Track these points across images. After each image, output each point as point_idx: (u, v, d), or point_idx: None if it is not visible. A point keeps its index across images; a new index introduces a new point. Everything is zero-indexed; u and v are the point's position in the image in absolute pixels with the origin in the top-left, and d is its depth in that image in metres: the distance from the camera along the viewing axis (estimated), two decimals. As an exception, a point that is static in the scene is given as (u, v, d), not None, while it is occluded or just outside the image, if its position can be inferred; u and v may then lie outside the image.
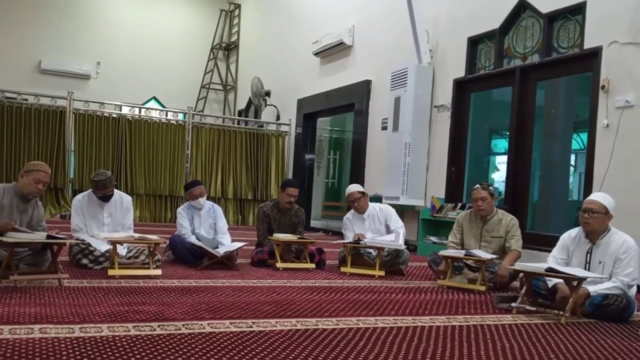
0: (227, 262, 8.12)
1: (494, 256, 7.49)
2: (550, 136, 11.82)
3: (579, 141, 14.18)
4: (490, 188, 7.88)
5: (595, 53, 9.06)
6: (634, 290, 6.15)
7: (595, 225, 6.17)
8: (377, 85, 14.14)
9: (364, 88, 14.53)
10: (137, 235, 7.42)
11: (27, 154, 14.76)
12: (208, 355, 3.79)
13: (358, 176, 14.43)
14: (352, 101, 15.10)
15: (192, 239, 8.43)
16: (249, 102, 20.69)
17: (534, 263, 6.66)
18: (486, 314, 5.91)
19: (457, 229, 8.19)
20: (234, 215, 17.39)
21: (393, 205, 9.81)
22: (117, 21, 21.74)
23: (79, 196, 8.01)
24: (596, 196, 6.38)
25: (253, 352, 3.92)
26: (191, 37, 22.77)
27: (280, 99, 18.63)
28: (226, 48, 23.25)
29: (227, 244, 8.59)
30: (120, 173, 15.85)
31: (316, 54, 16.53)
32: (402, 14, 12.20)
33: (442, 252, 7.81)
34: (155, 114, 17.83)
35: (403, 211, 11.90)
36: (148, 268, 7.08)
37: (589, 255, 6.27)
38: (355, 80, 14.91)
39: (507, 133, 11.15)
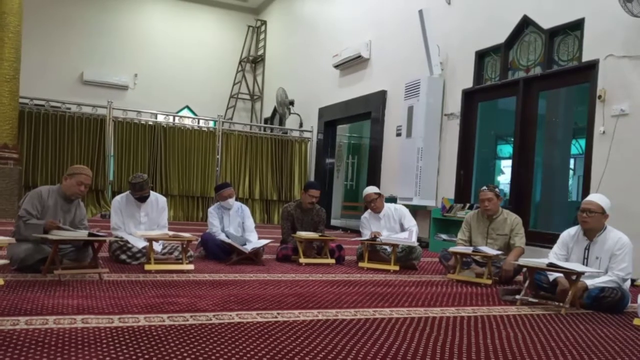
0: (254, 258, 8.12)
1: (499, 252, 7.48)
2: (551, 142, 11.76)
3: (577, 147, 14.11)
4: (496, 190, 7.87)
5: (593, 66, 9.03)
6: (628, 283, 6.14)
7: (593, 224, 6.17)
8: (392, 95, 14.12)
9: (380, 98, 14.52)
10: (171, 233, 7.45)
11: (70, 159, 14.85)
12: (236, 343, 3.80)
13: (374, 179, 14.41)
14: (369, 110, 15.08)
15: (222, 237, 8.43)
16: (274, 111, 20.70)
17: (536, 259, 6.64)
18: (492, 305, 5.89)
19: (466, 227, 8.18)
20: (261, 215, 17.40)
21: (406, 206, 9.80)
22: (153, 36, 21.84)
23: (117, 197, 8.06)
24: (593, 197, 6.38)
25: (278, 341, 3.93)
26: (221, 51, 22.82)
27: (303, 107, 18.61)
28: (253, 61, 23.22)
29: (254, 241, 8.60)
30: (155, 176, 15.92)
31: (336, 67, 16.53)
32: (415, 29, 12.22)
33: (452, 249, 7.80)
34: (188, 122, 17.88)
35: (416, 211, 11.87)
36: (181, 263, 7.09)
37: (586, 251, 6.27)
38: (371, 90, 14.90)
39: (512, 139, 11.12)
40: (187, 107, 22.04)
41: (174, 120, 17.45)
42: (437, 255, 9.19)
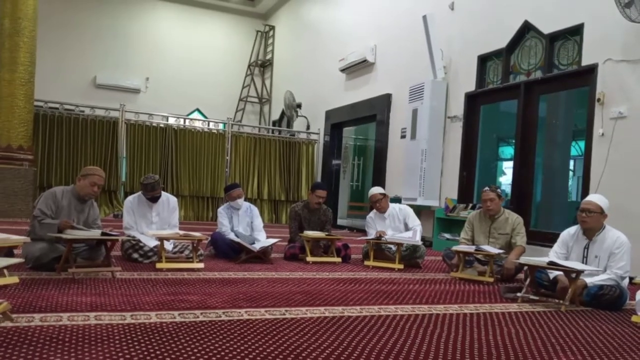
0: (262, 257, 8.13)
1: (501, 251, 7.49)
2: (551, 144, 11.75)
3: (577, 148, 14.06)
4: (498, 190, 7.89)
5: (592, 69, 9.03)
6: (626, 281, 6.13)
7: (592, 223, 6.17)
8: (396, 98, 14.13)
9: (385, 101, 14.52)
10: (182, 232, 7.45)
11: (83, 160, 14.91)
12: (245, 339, 3.81)
13: (380, 179, 14.42)
14: (374, 112, 15.09)
15: (232, 236, 8.44)
16: (282, 114, 20.74)
17: (537, 257, 6.66)
18: (494, 302, 5.89)
19: (468, 226, 8.19)
20: (269, 215, 17.41)
21: (411, 206, 9.81)
22: (164, 41, 21.89)
23: (130, 197, 8.08)
24: (592, 197, 6.39)
25: (286, 337, 3.94)
26: (230, 56, 22.86)
27: (310, 110, 18.64)
28: (262, 65, 23.26)
29: (262, 240, 8.61)
30: (167, 177, 15.95)
31: (342, 70, 16.54)
32: (419, 34, 12.22)
33: (455, 248, 7.79)
34: (198, 124, 17.96)
35: (420, 211, 11.86)
36: (192, 262, 7.10)
37: (586, 250, 6.27)
38: (377, 93, 14.91)
39: (513, 141, 11.10)
40: (198, 109, 22.05)
41: (184, 122, 17.50)
42: (440, 254, 9.21)
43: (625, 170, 8.37)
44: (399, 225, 8.96)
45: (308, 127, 18.78)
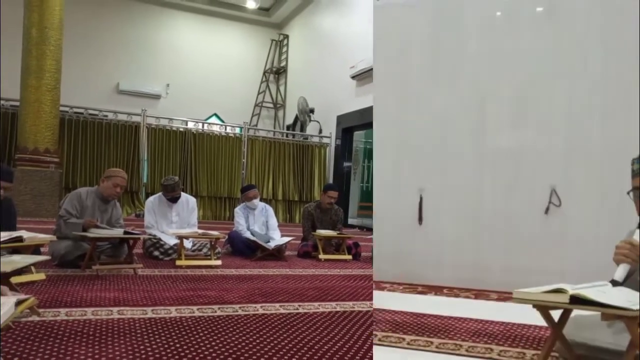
0: (277, 254, 8.13)
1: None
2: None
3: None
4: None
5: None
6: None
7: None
8: (404, 103, 14.05)
9: (393, 106, 14.43)
10: (200, 231, 7.48)
11: (106, 162, 14.97)
12: (261, 333, 3.80)
13: (388, 181, 14.34)
14: (384, 117, 14.99)
15: (248, 234, 8.45)
16: (296, 118, 20.77)
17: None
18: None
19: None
20: (283, 214, 17.45)
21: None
22: (184, 49, 21.97)
23: (151, 198, 8.08)
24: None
25: (299, 331, 3.92)
26: (247, 63, 22.91)
27: (322, 115, 18.66)
28: (276, 72, 23.31)
29: (277, 238, 8.60)
30: (186, 178, 16.01)
31: (353, 77, 16.57)
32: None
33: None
34: (216, 128, 17.95)
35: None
36: (210, 259, 7.09)
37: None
38: (386, 99, 14.82)
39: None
40: (215, 114, 22.10)
41: (203, 127, 17.57)
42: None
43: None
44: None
45: (320, 131, 18.80)
